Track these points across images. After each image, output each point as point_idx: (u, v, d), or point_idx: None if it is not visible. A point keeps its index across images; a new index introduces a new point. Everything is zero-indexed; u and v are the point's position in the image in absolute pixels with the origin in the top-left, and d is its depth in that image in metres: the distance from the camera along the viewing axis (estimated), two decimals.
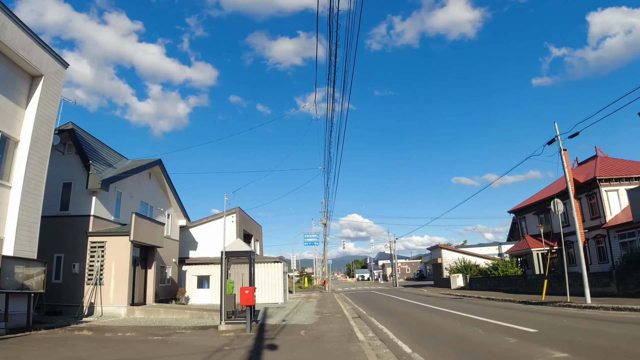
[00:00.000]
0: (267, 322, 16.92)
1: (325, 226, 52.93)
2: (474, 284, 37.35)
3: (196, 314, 20.09)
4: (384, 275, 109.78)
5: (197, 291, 31.09)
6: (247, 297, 13.93)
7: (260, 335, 13.18)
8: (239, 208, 36.06)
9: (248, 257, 15.12)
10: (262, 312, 21.36)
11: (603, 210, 32.72)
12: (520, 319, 14.99)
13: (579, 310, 16.90)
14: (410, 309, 22.38)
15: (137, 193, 25.97)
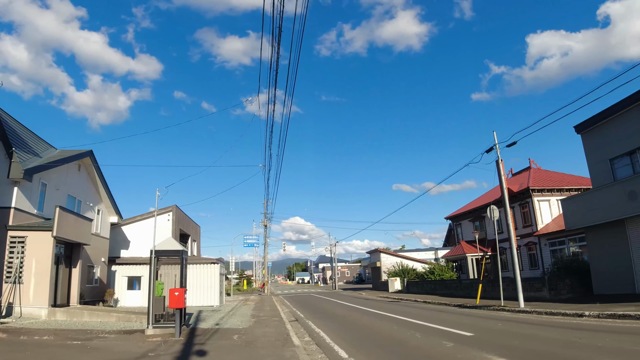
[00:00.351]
0: (199, 326, 16.02)
1: (266, 228, 52.15)
2: (411, 287, 37.81)
3: (123, 317, 18.79)
4: (324, 278, 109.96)
5: (128, 293, 29.40)
6: (177, 299, 13.03)
7: (190, 340, 12.34)
8: (176, 206, 34.56)
9: (180, 256, 14.19)
10: (196, 315, 20.34)
11: (535, 219, 34.05)
12: (456, 323, 14.99)
13: (513, 314, 17.19)
14: (348, 312, 22.10)
15: (65, 186, 24.11)
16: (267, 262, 59.81)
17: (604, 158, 20.38)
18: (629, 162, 19.28)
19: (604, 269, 19.79)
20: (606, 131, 20.31)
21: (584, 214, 20.45)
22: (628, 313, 13.09)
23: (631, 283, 18.28)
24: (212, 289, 29.76)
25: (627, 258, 18.54)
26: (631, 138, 19.03)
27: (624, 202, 18.06)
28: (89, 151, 26.34)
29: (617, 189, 18.55)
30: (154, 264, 13.87)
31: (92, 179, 27.80)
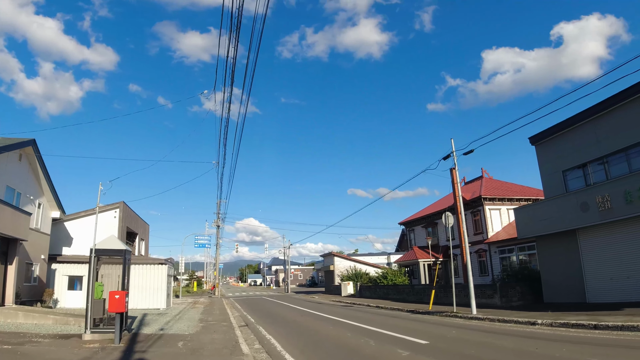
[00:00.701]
0: (142, 331, 15.00)
1: (218, 228, 50.65)
2: (364, 291, 37.67)
3: (61, 320, 17.42)
4: (277, 280, 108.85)
5: (68, 293, 27.62)
6: (117, 302, 12.03)
7: (130, 347, 11.41)
8: (124, 203, 32.93)
9: (122, 256, 13.17)
10: (140, 319, 19.20)
11: (486, 226, 34.66)
12: (410, 330, 14.71)
13: (466, 321, 17.10)
14: (300, 316, 21.50)
15: (4, 176, 22.30)
16: (219, 263, 58.31)
17: (557, 169, 20.79)
18: (581, 174, 19.72)
19: (554, 277, 20.15)
20: (560, 144, 20.74)
21: (536, 223, 20.78)
22: (581, 322, 13.17)
23: (582, 292, 18.65)
24: (159, 291, 28.45)
25: (578, 268, 18.92)
26: (584, 151, 19.49)
27: (576, 213, 18.42)
28: (31, 140, 24.53)
29: (570, 200, 18.91)
30: (93, 263, 12.79)
31: (34, 170, 25.92)
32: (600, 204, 17.32)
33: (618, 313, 14.27)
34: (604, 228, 17.85)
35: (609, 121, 18.46)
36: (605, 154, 18.55)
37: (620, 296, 17.04)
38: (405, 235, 71.85)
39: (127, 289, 13.11)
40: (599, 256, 18.19)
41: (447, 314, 19.08)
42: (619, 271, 17.27)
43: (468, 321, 16.95)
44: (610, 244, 17.75)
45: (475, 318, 17.32)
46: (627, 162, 17.83)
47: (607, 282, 17.70)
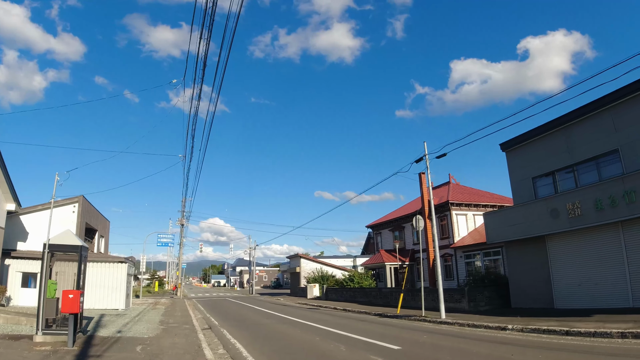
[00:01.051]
0: (99, 333, 14.02)
1: (182, 227, 49.10)
2: (330, 294, 37.22)
3: (12, 319, 16.19)
4: (241, 282, 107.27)
5: (22, 290, 25.98)
6: (71, 302, 11.11)
7: (85, 351, 10.52)
8: (83, 197, 31.37)
9: (78, 253, 12.24)
10: (96, 320, 18.09)
11: (452, 231, 34.81)
12: (381, 334, 14.29)
13: (436, 325, 16.81)
14: (266, 319, 20.80)
15: None
16: (182, 263, 56.75)
17: (526, 176, 20.87)
18: (550, 181, 19.84)
19: (522, 283, 20.17)
20: (530, 151, 20.84)
21: (505, 229, 20.80)
22: (552, 328, 13.03)
23: (549, 298, 18.70)
24: (118, 291, 27.14)
25: (547, 274, 18.98)
26: (554, 159, 19.61)
27: (546, 219, 18.47)
28: None
29: (540, 206, 18.97)
30: (47, 260, 11.82)
31: None
32: (571, 210, 17.40)
33: (588, 319, 14.24)
34: (573, 235, 17.95)
35: (580, 130, 18.63)
36: (575, 162, 18.71)
37: (589, 302, 17.11)
38: (372, 239, 71.93)
39: (83, 288, 12.18)
40: (568, 262, 18.27)
41: (416, 318, 18.80)
42: (587, 278, 17.37)
43: (438, 325, 16.68)
44: (579, 250, 17.85)
45: (444, 322, 17.06)
46: (597, 170, 18.01)
47: (575, 288, 17.78)
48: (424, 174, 37.87)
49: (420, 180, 37.79)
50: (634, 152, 16.50)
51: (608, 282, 16.60)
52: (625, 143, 16.93)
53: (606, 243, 16.78)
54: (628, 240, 16.01)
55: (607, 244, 16.74)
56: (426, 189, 37.97)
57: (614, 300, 16.29)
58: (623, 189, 15.56)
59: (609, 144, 17.50)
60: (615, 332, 11.54)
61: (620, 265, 16.24)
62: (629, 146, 16.77)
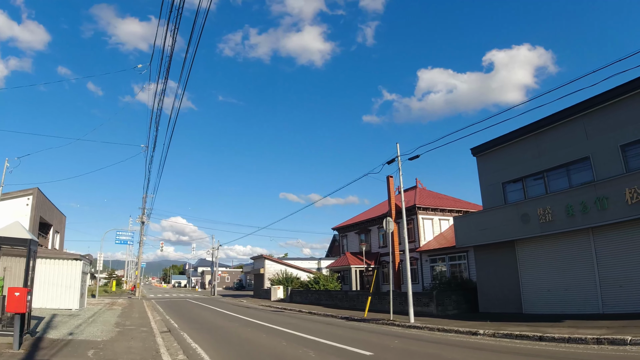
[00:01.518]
0: (48, 335, 12.85)
1: (143, 224, 47.04)
2: (294, 296, 36.48)
3: None
4: (203, 282, 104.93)
5: None
6: (17, 301, 10.02)
7: (31, 354, 9.45)
8: (38, 189, 29.58)
9: (27, 247, 11.15)
10: (47, 320, 16.76)
11: (418, 235, 34.70)
12: (350, 339, 13.70)
13: (405, 329, 16.27)
14: (229, 322, 19.86)
15: None
16: (142, 262, 54.70)
17: (497, 181, 20.80)
18: (520, 187, 19.78)
19: (491, 287, 20.00)
20: (501, 156, 20.77)
21: (475, 233, 20.61)
22: (525, 334, 12.72)
23: (518, 303, 18.54)
24: (72, 290, 25.58)
25: (515, 279, 18.82)
26: (524, 164, 19.57)
27: (516, 224, 18.35)
28: None
29: (510, 211, 18.85)
30: None
31: None
32: (542, 216, 17.31)
33: (560, 325, 14.05)
34: (544, 240, 17.85)
35: (551, 137, 18.63)
36: (546, 168, 18.68)
37: (558, 308, 16.97)
38: (337, 241, 71.56)
39: (31, 286, 11.09)
40: (537, 268, 18.14)
41: (384, 322, 18.31)
42: (557, 283, 17.25)
43: (407, 330, 16.20)
44: (549, 256, 17.73)
45: (414, 327, 16.60)
46: (568, 177, 18.02)
47: (545, 293, 17.67)
48: (392, 177, 37.77)
49: (388, 184, 37.61)
50: (606, 160, 16.53)
51: (578, 288, 16.51)
52: (596, 151, 16.98)
53: (576, 249, 16.70)
54: (599, 247, 15.97)
55: (578, 250, 16.67)
56: (393, 192, 37.88)
57: (584, 307, 16.19)
58: (595, 196, 15.54)
59: (580, 151, 17.53)
60: (590, 338, 11.31)
61: (590, 271, 16.18)
62: (600, 154, 16.82)
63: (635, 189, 14.49)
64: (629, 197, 14.64)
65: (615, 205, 15.04)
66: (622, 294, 15.21)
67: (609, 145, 16.59)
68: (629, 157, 16.17)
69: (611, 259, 15.62)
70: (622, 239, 15.37)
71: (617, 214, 15.02)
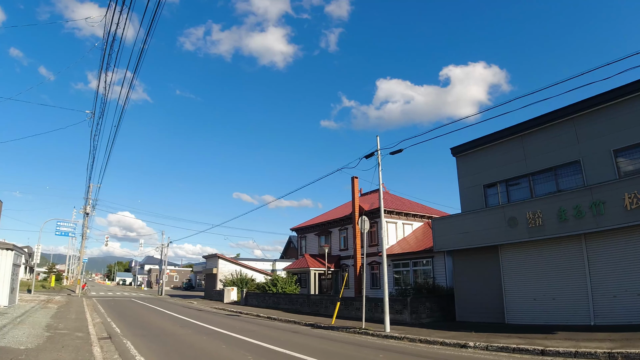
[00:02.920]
0: None
1: (87, 215, 42.59)
2: (250, 299, 33.89)
3: None
4: (149, 281, 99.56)
5: None
6: None
7: None
8: None
9: None
10: None
11: (382, 239, 33.12)
12: (325, 352, 11.58)
13: (383, 340, 14.22)
14: (181, 328, 17.19)
15: None
16: (85, 256, 50.22)
17: (477, 183, 19.32)
18: (504, 189, 18.36)
19: (470, 295, 18.36)
20: (483, 157, 19.34)
21: (454, 236, 18.90)
22: (523, 347, 11.02)
23: (500, 312, 16.96)
24: (1, 283, 22.25)
25: (498, 286, 17.26)
26: (508, 167, 18.21)
27: (502, 228, 16.81)
28: None
29: (495, 214, 17.30)
30: None
31: None
32: (531, 220, 15.84)
33: (554, 337, 12.50)
34: (530, 246, 16.37)
35: (538, 139, 17.37)
36: (532, 171, 17.36)
37: (544, 318, 15.49)
38: (292, 243, 69.28)
39: None
40: (523, 275, 16.64)
41: (356, 331, 16.27)
42: (545, 292, 15.77)
43: (385, 340, 14.17)
44: (535, 262, 16.27)
45: (391, 337, 14.57)
46: (555, 181, 16.76)
47: (530, 302, 16.15)
48: (357, 178, 36.04)
49: (352, 184, 35.85)
50: (597, 165, 15.37)
51: (567, 297, 15.08)
52: (587, 155, 15.83)
53: (567, 256, 15.31)
54: (592, 254, 14.62)
55: (568, 256, 15.28)
56: (358, 193, 36.23)
57: (573, 317, 14.77)
58: (591, 200, 14.20)
59: (569, 154, 16.34)
60: (600, 352, 9.78)
61: (581, 280, 14.80)
62: (591, 158, 15.68)
63: (636, 194, 13.26)
64: (629, 202, 13.39)
65: (613, 211, 13.76)
66: (616, 304, 13.92)
67: (600, 149, 15.49)
68: (621, 163, 15.07)
69: (605, 267, 14.31)
70: (617, 247, 14.11)
71: (614, 219, 13.75)
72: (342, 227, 37.98)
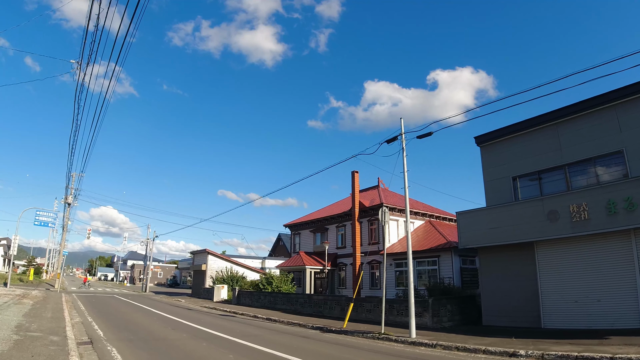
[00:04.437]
0: None
1: (68, 206, 39.47)
2: (243, 298, 31.52)
3: None
4: (132, 277, 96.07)
5: None
6: None
7: None
8: None
9: None
10: None
11: (383, 237, 31.13)
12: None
13: (412, 347, 12.14)
14: (173, 331, 14.80)
15: None
16: (65, 249, 47.17)
17: (505, 174, 17.42)
18: (536, 182, 16.51)
19: (499, 296, 16.36)
20: (511, 147, 17.45)
21: (484, 232, 16.89)
22: (588, 355, 9.10)
23: (536, 316, 15.02)
24: None
25: (533, 286, 15.33)
26: (541, 157, 16.38)
27: (540, 223, 14.87)
28: None
29: (532, 207, 15.32)
30: None
31: None
32: (575, 213, 13.97)
33: (610, 342, 10.66)
34: (571, 242, 14.52)
35: (575, 127, 15.63)
36: (568, 162, 15.59)
37: (586, 322, 13.70)
38: (282, 241, 67.04)
39: None
40: (562, 275, 14.78)
41: (375, 336, 14.12)
42: (587, 293, 13.96)
43: (415, 348, 12.07)
44: (577, 260, 14.44)
45: (419, 343, 12.55)
46: (595, 172, 15.05)
47: (571, 305, 14.28)
48: (357, 172, 33.93)
49: (353, 179, 33.73)
50: None
51: (613, 298, 13.29)
52: (632, 144, 14.08)
53: (614, 253, 13.51)
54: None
55: (615, 254, 13.48)
56: (358, 189, 34.15)
57: (619, 320, 12.98)
58: None
59: (611, 144, 14.58)
60: None
61: (630, 279, 13.01)
62: (636, 147, 13.94)
63: None
64: None
65: None
66: None
67: None
68: None
69: None
70: None
71: None
72: (339, 224, 35.89)
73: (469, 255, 26.97)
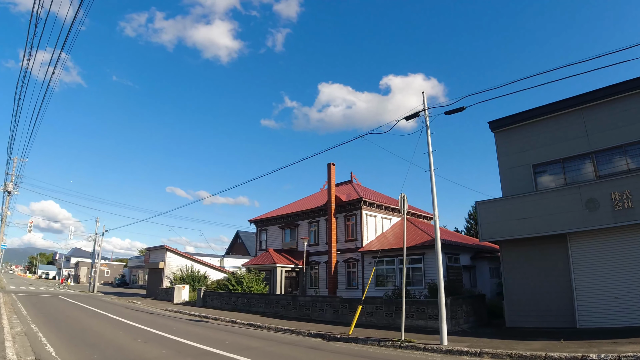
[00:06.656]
0: None
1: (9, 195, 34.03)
2: (210, 299, 28.14)
3: None
4: (77, 276, 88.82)
5: None
6: None
7: None
8: None
9: None
10: None
11: (361, 233, 28.87)
12: None
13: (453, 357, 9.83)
14: (145, 344, 11.55)
15: None
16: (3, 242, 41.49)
17: (523, 162, 15.52)
18: (560, 170, 14.71)
19: (526, 294, 14.28)
20: (530, 133, 15.60)
21: (508, 223, 14.76)
22: None
23: (570, 314, 13.12)
24: None
25: (566, 283, 13.42)
26: (565, 144, 14.62)
27: (576, 212, 12.96)
28: None
29: (567, 195, 13.38)
30: None
31: None
32: (618, 201, 12.21)
33: None
34: (611, 233, 12.82)
35: (603, 112, 14.11)
36: (595, 149, 13.99)
37: (629, 319, 12.04)
38: (239, 238, 63.65)
39: None
40: (600, 269, 13.05)
41: (396, 344, 11.65)
42: (629, 288, 12.27)
43: (456, 359, 9.95)
44: (617, 253, 12.73)
45: (459, 352, 10.20)
46: (625, 160, 13.55)
47: (610, 301, 12.57)
48: (334, 164, 31.58)
49: (329, 171, 31.28)
50: None
51: None
52: None
53: None
54: None
55: None
56: (334, 182, 31.68)
57: None
58: None
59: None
60: None
61: None
62: None
63: None
64: None
65: None
66: None
67: None
68: None
69: None
70: None
71: None
72: (312, 220, 33.28)
73: (454, 253, 25.32)
